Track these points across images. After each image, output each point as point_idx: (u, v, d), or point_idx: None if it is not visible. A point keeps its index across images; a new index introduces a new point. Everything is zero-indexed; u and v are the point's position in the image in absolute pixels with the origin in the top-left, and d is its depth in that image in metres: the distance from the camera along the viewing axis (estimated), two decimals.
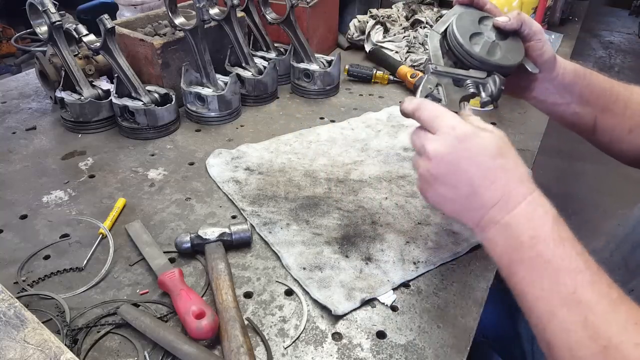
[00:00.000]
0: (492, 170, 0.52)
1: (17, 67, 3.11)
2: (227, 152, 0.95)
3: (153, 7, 1.43)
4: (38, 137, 1.02)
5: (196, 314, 0.58)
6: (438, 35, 0.71)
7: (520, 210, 0.50)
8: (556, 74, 0.71)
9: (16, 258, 0.71)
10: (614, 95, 0.72)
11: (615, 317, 0.43)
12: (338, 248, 0.73)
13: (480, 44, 0.67)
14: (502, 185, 0.51)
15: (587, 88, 0.72)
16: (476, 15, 0.70)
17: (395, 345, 0.60)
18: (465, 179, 0.53)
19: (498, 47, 0.67)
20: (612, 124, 0.73)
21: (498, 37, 0.68)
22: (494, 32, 0.68)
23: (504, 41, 0.68)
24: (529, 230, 0.49)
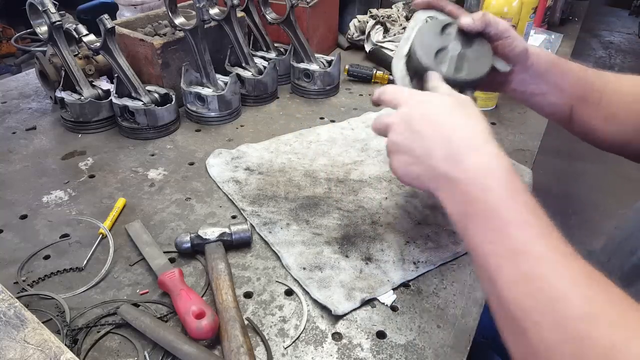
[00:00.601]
0: (444, 126, 0.52)
1: (17, 67, 3.11)
2: (227, 152, 0.95)
3: (153, 7, 1.43)
4: (38, 137, 1.02)
5: (196, 314, 0.58)
6: (402, 58, 0.70)
7: (470, 164, 0.50)
8: (530, 63, 0.71)
9: (16, 258, 0.71)
10: (589, 84, 0.73)
11: (565, 270, 0.42)
12: (338, 248, 0.73)
13: (447, 62, 0.66)
14: (452, 140, 0.51)
15: (562, 77, 0.73)
16: (438, 24, 0.69)
17: (395, 345, 0.60)
18: (419, 140, 0.53)
19: (465, 59, 0.66)
20: (588, 113, 0.74)
21: (464, 44, 0.67)
22: (458, 40, 0.67)
23: (470, 48, 0.67)
24: (479, 183, 0.49)
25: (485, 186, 0.48)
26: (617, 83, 0.74)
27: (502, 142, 1.02)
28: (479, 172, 0.49)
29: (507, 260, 0.45)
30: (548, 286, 0.42)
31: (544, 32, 1.59)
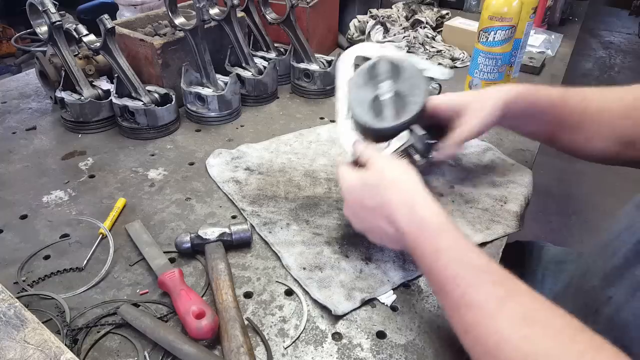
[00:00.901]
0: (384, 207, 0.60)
1: (17, 67, 3.11)
2: (227, 152, 0.95)
3: (153, 7, 1.43)
4: (38, 137, 1.02)
5: (196, 314, 0.58)
6: (346, 119, 0.72)
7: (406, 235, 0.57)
8: (503, 115, 0.75)
9: (16, 258, 0.71)
10: (567, 112, 0.76)
11: (502, 315, 0.46)
12: (338, 248, 0.73)
13: (384, 111, 0.67)
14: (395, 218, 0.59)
15: (539, 116, 0.77)
16: (364, 72, 0.69)
17: (395, 345, 0.60)
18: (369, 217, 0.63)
19: (401, 96, 0.66)
20: (569, 137, 0.79)
21: (394, 81, 0.67)
22: (387, 80, 0.67)
23: (400, 79, 0.66)
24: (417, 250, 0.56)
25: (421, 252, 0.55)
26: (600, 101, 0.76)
27: (502, 142, 1.02)
28: (414, 239, 0.56)
29: (454, 311, 0.51)
30: (488, 332, 0.46)
31: (544, 32, 1.59)
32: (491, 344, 0.45)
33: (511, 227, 0.78)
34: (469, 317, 0.48)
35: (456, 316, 0.50)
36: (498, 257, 0.73)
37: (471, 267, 0.50)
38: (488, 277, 0.49)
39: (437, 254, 0.53)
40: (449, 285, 0.51)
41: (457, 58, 1.40)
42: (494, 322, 0.46)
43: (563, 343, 0.42)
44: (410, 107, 0.66)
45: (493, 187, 0.87)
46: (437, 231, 0.54)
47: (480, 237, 0.75)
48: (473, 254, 0.51)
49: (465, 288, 0.49)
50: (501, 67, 1.09)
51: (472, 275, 0.50)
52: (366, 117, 0.69)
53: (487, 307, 0.47)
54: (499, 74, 1.10)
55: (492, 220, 0.79)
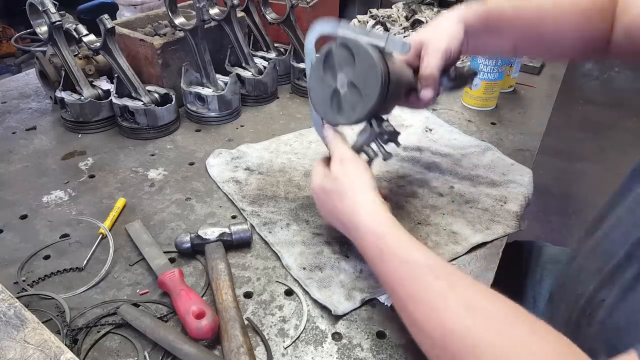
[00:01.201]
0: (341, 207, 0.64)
1: (17, 67, 3.11)
2: (227, 152, 0.95)
3: (153, 7, 1.44)
4: (38, 137, 1.02)
5: (196, 314, 0.58)
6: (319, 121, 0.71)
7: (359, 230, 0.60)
8: (465, 50, 0.74)
9: (16, 258, 0.71)
10: (524, 21, 0.77)
11: (445, 307, 0.48)
12: (338, 248, 0.73)
13: (343, 105, 0.66)
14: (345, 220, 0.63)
15: (496, 32, 0.77)
16: (319, 65, 0.67)
17: (395, 345, 0.60)
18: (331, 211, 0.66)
19: (356, 89, 0.64)
20: (529, 47, 0.81)
21: (349, 70, 0.64)
22: (343, 70, 0.64)
23: (356, 73, 0.63)
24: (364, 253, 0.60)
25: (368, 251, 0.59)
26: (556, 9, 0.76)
27: (502, 142, 1.02)
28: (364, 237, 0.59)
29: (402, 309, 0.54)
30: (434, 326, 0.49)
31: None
32: (437, 336, 0.48)
33: (511, 227, 0.78)
34: (416, 313, 0.51)
35: (404, 312, 0.53)
36: (498, 257, 0.73)
37: (414, 266, 0.53)
38: (430, 273, 0.51)
39: (382, 256, 0.56)
40: (395, 284, 0.54)
41: None
42: (438, 315, 0.48)
43: (503, 331, 0.44)
44: (365, 100, 0.64)
45: (493, 187, 0.87)
46: (379, 236, 0.57)
47: (480, 237, 0.75)
48: (416, 253, 0.54)
49: (409, 286, 0.52)
50: (501, 67, 1.09)
51: (414, 273, 0.52)
52: (327, 112, 0.68)
53: (431, 302, 0.49)
54: (499, 74, 1.10)
55: (492, 220, 0.79)
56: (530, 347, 0.43)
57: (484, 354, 0.44)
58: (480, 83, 1.11)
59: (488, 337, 0.44)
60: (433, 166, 0.92)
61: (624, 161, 0.76)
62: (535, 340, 0.43)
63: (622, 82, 4.02)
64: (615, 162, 2.77)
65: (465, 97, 1.17)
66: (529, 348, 0.43)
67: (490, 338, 0.44)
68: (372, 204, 0.60)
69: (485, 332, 0.45)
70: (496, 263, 0.72)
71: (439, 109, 1.15)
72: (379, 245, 0.57)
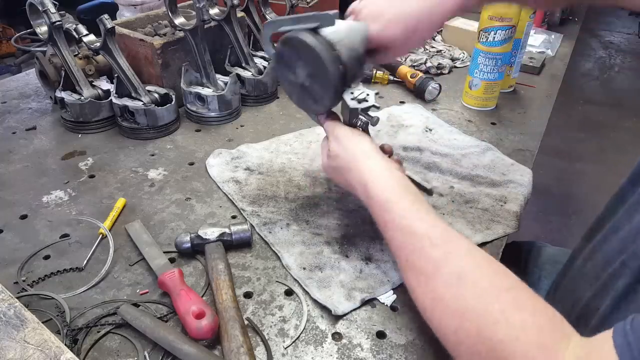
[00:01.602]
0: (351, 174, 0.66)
1: (17, 67, 3.11)
2: (227, 152, 0.95)
3: (153, 7, 1.43)
4: (38, 137, 1.02)
5: (196, 314, 0.58)
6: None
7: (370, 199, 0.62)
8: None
9: (16, 258, 0.71)
10: None
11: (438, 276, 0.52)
12: (338, 248, 0.73)
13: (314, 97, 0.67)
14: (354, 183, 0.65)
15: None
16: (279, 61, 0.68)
17: (395, 345, 0.60)
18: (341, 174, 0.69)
19: (314, 79, 0.65)
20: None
21: (300, 64, 0.65)
22: (296, 64, 0.65)
23: (305, 62, 0.64)
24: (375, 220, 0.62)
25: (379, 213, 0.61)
26: None
27: (502, 142, 1.02)
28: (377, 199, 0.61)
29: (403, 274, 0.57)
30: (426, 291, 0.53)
31: (544, 32, 1.59)
32: (428, 302, 0.52)
33: (511, 227, 0.78)
34: (413, 279, 0.55)
35: (405, 278, 0.57)
36: (498, 257, 0.73)
37: (413, 235, 0.55)
38: (427, 241, 0.54)
39: (386, 224, 0.59)
40: (396, 251, 0.58)
41: (457, 58, 1.40)
42: (431, 282, 0.52)
43: (487, 301, 0.47)
44: (325, 87, 0.65)
45: (493, 187, 0.87)
46: (385, 205, 0.59)
47: (480, 237, 0.75)
48: (417, 222, 0.56)
49: (408, 254, 0.55)
50: (501, 67, 1.09)
51: (413, 242, 0.55)
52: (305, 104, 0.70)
53: (426, 270, 0.53)
54: (499, 74, 1.10)
55: (492, 220, 0.79)
56: (511, 318, 0.44)
57: (467, 320, 0.46)
58: (480, 83, 1.11)
59: (472, 305, 0.47)
60: (433, 166, 0.92)
61: (623, 161, 0.76)
62: (517, 311, 0.45)
63: (622, 82, 4.02)
64: (615, 162, 2.77)
65: (465, 97, 1.17)
66: (509, 318, 0.44)
67: (474, 306, 0.47)
68: (378, 169, 0.63)
69: (470, 300, 0.48)
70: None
71: (439, 109, 1.15)
72: (384, 215, 0.59)
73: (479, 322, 0.46)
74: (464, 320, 0.47)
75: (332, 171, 0.70)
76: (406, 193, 0.60)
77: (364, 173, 0.63)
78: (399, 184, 0.61)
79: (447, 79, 1.30)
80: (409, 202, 0.59)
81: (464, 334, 0.47)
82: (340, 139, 0.67)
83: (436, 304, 0.51)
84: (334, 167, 0.69)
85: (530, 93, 1.25)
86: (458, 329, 0.48)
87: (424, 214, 0.57)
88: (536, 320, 0.44)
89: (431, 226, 0.56)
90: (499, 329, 0.44)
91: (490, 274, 0.50)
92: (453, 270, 0.51)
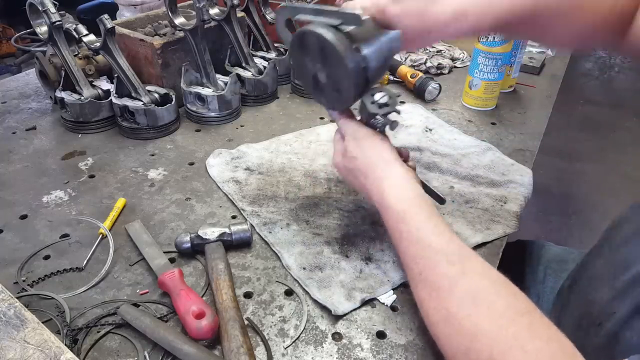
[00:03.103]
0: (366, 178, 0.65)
1: (17, 67, 3.11)
2: (227, 152, 0.95)
3: (153, 7, 1.43)
4: (38, 137, 1.02)
5: (196, 314, 0.58)
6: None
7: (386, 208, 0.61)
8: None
9: (16, 258, 0.71)
10: None
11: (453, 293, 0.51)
12: (338, 248, 0.73)
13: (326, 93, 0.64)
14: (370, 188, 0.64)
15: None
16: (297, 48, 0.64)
17: (395, 345, 0.60)
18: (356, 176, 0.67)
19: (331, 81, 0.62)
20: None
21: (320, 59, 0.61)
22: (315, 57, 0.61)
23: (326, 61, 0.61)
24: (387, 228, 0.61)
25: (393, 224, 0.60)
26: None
27: (502, 142, 1.02)
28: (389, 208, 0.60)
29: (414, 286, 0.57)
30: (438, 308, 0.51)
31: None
32: (440, 318, 0.51)
33: (511, 227, 0.78)
34: (424, 293, 0.53)
35: (415, 290, 0.56)
36: (498, 257, 0.73)
37: (429, 248, 0.54)
38: (444, 258, 0.53)
39: (401, 235, 0.58)
40: (410, 263, 0.56)
41: (457, 58, 1.40)
42: (444, 299, 0.51)
43: (502, 325, 0.46)
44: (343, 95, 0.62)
45: (493, 187, 0.87)
46: (400, 215, 0.59)
47: (480, 237, 0.75)
48: (433, 236, 0.55)
49: (422, 268, 0.54)
50: (501, 67, 1.09)
51: (429, 256, 0.54)
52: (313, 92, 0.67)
53: (440, 286, 0.52)
54: (499, 74, 1.10)
55: (492, 220, 0.79)
56: (525, 345, 0.43)
57: (479, 342, 0.45)
58: (480, 83, 1.11)
59: (486, 327, 0.46)
60: (433, 166, 0.92)
61: (624, 161, 0.76)
62: (531, 338, 0.44)
63: (622, 82, 4.02)
64: (615, 162, 2.77)
65: (465, 97, 1.17)
66: (523, 345, 0.43)
67: (488, 329, 0.46)
68: (396, 178, 0.62)
69: (484, 322, 0.46)
70: (496, 263, 0.72)
71: (439, 109, 1.15)
72: (399, 227, 0.58)
73: (492, 345, 0.45)
74: (476, 341, 0.46)
75: (346, 172, 0.68)
76: (424, 206, 0.59)
77: (382, 181, 0.62)
78: (416, 196, 0.60)
79: (447, 79, 1.30)
80: (426, 215, 0.58)
81: (475, 356, 0.46)
82: (360, 141, 0.65)
83: (448, 322, 0.49)
84: (350, 168, 0.66)
85: (530, 93, 1.25)
86: (469, 349, 0.46)
87: (441, 229, 0.56)
88: (550, 348, 0.43)
89: (448, 242, 0.55)
90: (513, 355, 0.43)
91: (505, 296, 0.49)
92: (468, 289, 0.50)
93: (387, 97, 0.63)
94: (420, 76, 1.19)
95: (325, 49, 0.59)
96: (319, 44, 0.60)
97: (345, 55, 0.57)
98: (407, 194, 0.60)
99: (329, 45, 0.58)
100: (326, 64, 0.61)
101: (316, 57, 0.62)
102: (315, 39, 0.60)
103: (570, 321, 0.67)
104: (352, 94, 0.62)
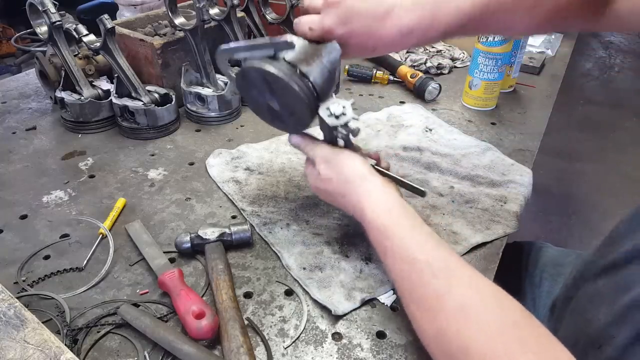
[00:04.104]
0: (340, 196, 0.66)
1: (17, 67, 3.11)
2: (227, 152, 0.95)
3: (153, 7, 1.43)
4: (38, 137, 1.02)
5: (196, 314, 0.58)
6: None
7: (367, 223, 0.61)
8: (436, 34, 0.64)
9: (16, 258, 0.71)
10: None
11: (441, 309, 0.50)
12: (338, 248, 0.73)
13: (283, 120, 0.65)
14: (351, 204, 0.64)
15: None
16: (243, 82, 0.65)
17: (395, 345, 0.60)
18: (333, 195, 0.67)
19: (285, 108, 0.63)
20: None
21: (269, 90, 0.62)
22: (263, 89, 0.63)
23: (275, 92, 0.62)
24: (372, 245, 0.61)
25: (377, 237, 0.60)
26: None
27: (502, 142, 1.02)
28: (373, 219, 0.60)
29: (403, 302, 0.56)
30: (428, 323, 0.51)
31: None
32: (431, 334, 0.50)
33: (511, 227, 0.78)
34: (414, 310, 0.53)
35: (405, 307, 0.55)
36: (498, 257, 0.73)
37: (414, 264, 0.54)
38: (429, 272, 0.52)
39: (385, 251, 0.58)
40: (398, 280, 0.56)
41: (457, 58, 1.40)
42: (433, 315, 0.50)
43: (491, 337, 0.45)
44: (299, 117, 0.64)
45: (493, 187, 0.87)
46: (382, 230, 0.58)
47: (480, 237, 0.75)
48: (417, 249, 0.55)
49: (409, 284, 0.54)
50: (501, 67, 1.09)
51: (414, 272, 0.53)
52: (271, 122, 0.69)
53: (428, 301, 0.51)
54: (499, 74, 1.10)
55: (492, 220, 0.79)
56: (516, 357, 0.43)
57: (471, 357, 0.45)
58: (480, 83, 1.11)
59: (478, 341, 0.45)
60: (433, 166, 0.92)
61: (624, 161, 0.76)
62: (522, 350, 0.43)
63: (622, 82, 4.02)
64: (615, 162, 2.77)
65: (465, 97, 1.17)
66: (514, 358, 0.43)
67: (479, 342, 0.45)
68: (373, 192, 0.62)
69: (475, 335, 0.46)
70: (496, 263, 0.72)
71: (439, 109, 1.15)
72: (383, 242, 0.58)
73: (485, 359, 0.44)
74: (468, 356, 0.45)
75: (325, 195, 0.68)
76: (405, 215, 0.59)
77: (360, 196, 0.62)
78: (395, 207, 0.60)
79: (447, 79, 1.30)
80: (408, 226, 0.58)
81: None
82: (331, 162, 0.66)
83: (439, 339, 0.49)
84: (330, 191, 0.66)
85: (530, 93, 1.25)
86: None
87: (424, 239, 0.56)
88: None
89: (432, 251, 0.54)
90: None
91: (494, 306, 0.48)
92: (456, 302, 0.49)
93: (341, 106, 0.64)
94: (420, 76, 1.19)
95: (269, 80, 0.61)
96: (262, 77, 0.62)
97: (289, 81, 0.59)
98: (386, 206, 0.60)
99: (272, 76, 0.60)
100: (275, 93, 0.63)
101: (263, 89, 0.64)
102: (256, 74, 0.62)
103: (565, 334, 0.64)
104: (307, 114, 0.63)
